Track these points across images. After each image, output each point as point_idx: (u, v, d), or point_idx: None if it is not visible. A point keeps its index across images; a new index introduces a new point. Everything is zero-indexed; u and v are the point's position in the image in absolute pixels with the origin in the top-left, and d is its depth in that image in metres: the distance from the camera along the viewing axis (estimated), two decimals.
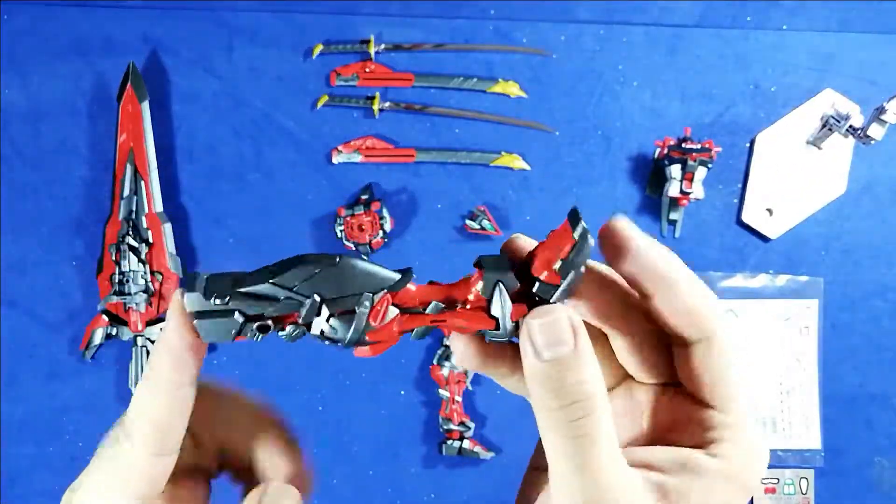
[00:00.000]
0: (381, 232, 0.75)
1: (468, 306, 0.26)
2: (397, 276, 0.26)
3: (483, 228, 0.77)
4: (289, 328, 0.26)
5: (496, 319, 0.25)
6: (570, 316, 0.24)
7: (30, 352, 0.78)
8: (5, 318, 0.78)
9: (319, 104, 0.78)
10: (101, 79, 0.78)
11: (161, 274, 0.76)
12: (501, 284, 0.26)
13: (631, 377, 0.29)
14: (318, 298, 0.25)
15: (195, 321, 0.25)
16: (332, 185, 0.78)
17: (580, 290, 0.27)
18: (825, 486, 0.78)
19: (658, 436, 0.27)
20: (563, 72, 0.79)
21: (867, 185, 0.79)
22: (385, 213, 0.76)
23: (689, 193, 0.74)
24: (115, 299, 0.75)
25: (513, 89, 0.78)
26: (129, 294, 0.75)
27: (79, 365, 0.77)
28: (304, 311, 0.25)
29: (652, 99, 0.79)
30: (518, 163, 0.78)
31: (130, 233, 0.75)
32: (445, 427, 0.77)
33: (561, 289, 0.25)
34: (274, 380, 0.77)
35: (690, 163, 0.74)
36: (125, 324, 0.76)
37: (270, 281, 0.25)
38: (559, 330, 0.24)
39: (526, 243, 0.28)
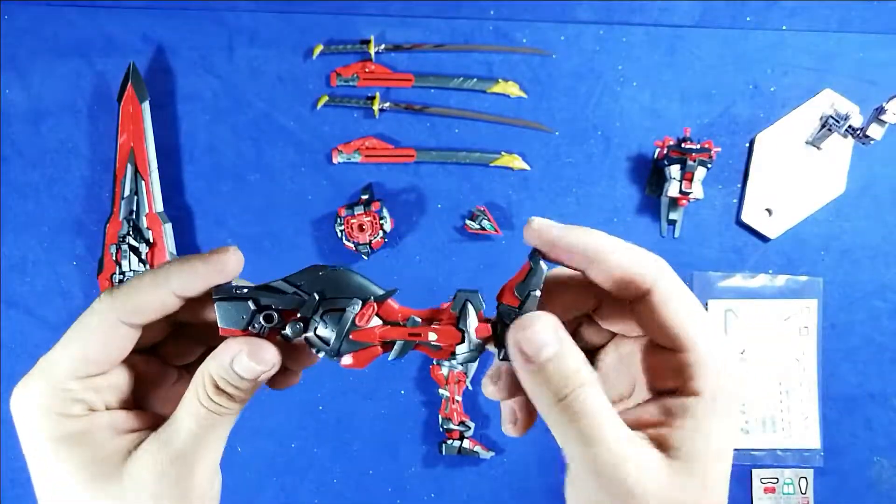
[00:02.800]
0: (381, 232, 0.76)
1: (442, 320, 0.30)
2: (383, 291, 0.31)
3: (483, 228, 0.77)
4: (289, 326, 0.30)
5: (463, 332, 0.30)
6: (549, 319, 0.28)
7: (30, 352, 0.78)
8: (5, 318, 0.78)
9: (320, 104, 0.78)
10: (101, 79, 0.78)
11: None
12: (469, 303, 0.30)
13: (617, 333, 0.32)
14: (316, 296, 0.30)
15: (216, 303, 0.30)
16: (332, 185, 0.79)
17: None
18: (824, 485, 0.78)
19: (648, 386, 0.30)
20: (562, 72, 0.79)
21: (866, 185, 0.79)
22: (385, 213, 0.76)
23: (688, 193, 0.74)
24: None
25: (513, 89, 0.78)
26: None
27: None
28: (304, 307, 0.30)
29: (651, 99, 0.79)
30: (518, 163, 0.78)
31: (131, 233, 0.75)
32: (445, 427, 0.77)
33: (520, 309, 0.29)
34: None
35: (690, 163, 0.74)
36: None
37: (282, 278, 0.30)
38: (543, 333, 0.28)
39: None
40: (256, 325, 0.30)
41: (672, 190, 0.75)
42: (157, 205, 0.76)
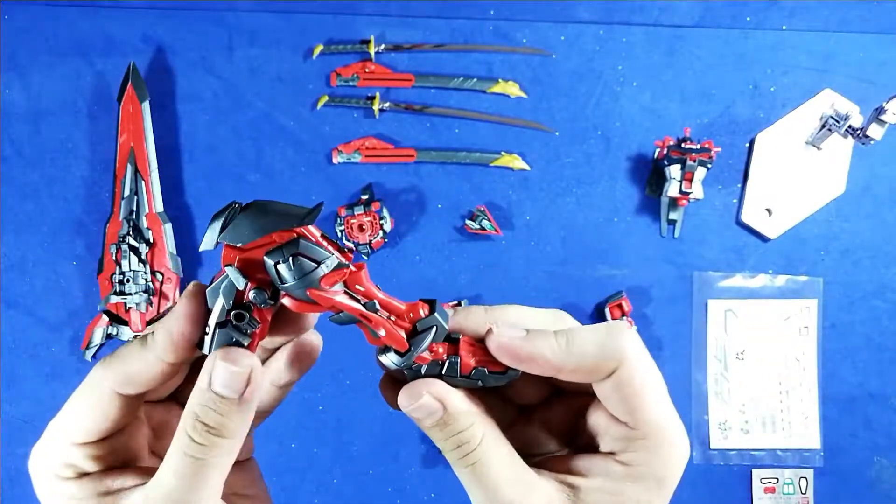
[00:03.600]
0: (381, 232, 0.76)
1: (396, 321, 0.29)
2: (306, 211, 0.28)
3: (483, 228, 0.77)
4: (253, 292, 0.28)
5: (410, 348, 0.29)
6: (432, 390, 0.29)
7: (30, 352, 0.78)
8: (5, 318, 0.78)
9: (319, 104, 0.78)
10: (101, 79, 0.78)
11: (161, 274, 0.76)
12: (436, 329, 0.29)
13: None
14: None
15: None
16: (332, 185, 0.79)
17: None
18: (824, 485, 0.78)
19: (588, 441, 0.31)
20: (562, 72, 0.79)
21: (866, 185, 0.79)
22: (385, 213, 0.76)
23: (688, 193, 0.74)
24: (115, 299, 0.75)
25: (513, 89, 0.78)
26: (130, 294, 0.75)
27: (79, 365, 0.77)
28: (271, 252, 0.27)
29: (651, 99, 0.79)
30: (518, 163, 0.78)
31: (131, 233, 0.75)
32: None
33: (481, 382, 0.30)
34: None
35: (690, 163, 0.74)
36: (126, 324, 0.76)
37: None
38: (427, 405, 0.29)
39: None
40: (242, 333, 0.28)
41: (672, 190, 0.75)
42: (157, 205, 0.76)
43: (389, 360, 0.29)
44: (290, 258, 0.27)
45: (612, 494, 0.28)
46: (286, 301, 0.28)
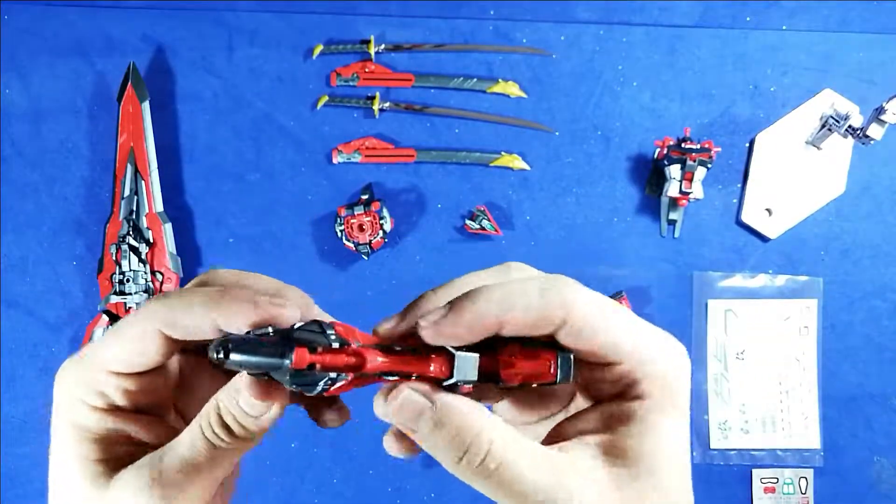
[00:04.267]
0: (381, 232, 0.76)
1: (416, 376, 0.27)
2: (328, 340, 0.26)
3: (483, 228, 0.77)
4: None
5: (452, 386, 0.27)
6: (413, 385, 0.26)
7: (30, 352, 0.78)
8: (5, 318, 0.78)
9: (319, 104, 0.78)
10: (101, 79, 0.78)
11: (161, 274, 0.76)
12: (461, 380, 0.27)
13: None
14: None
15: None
16: (332, 185, 0.79)
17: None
18: (824, 485, 0.78)
19: (586, 396, 0.29)
20: (562, 72, 0.79)
21: (866, 185, 0.79)
22: (385, 213, 0.76)
23: (688, 193, 0.74)
24: (115, 299, 0.75)
25: (513, 89, 0.78)
26: (130, 294, 0.75)
27: None
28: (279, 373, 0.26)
29: (651, 99, 0.79)
30: (518, 163, 0.78)
31: (131, 232, 0.75)
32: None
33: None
34: None
35: (690, 163, 0.74)
36: None
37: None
38: (410, 401, 0.26)
39: (399, 329, 0.29)
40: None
41: (672, 190, 0.75)
42: (157, 205, 0.76)
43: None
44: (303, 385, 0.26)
45: (641, 434, 0.26)
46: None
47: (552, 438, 0.28)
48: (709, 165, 0.75)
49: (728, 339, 0.79)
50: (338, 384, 0.26)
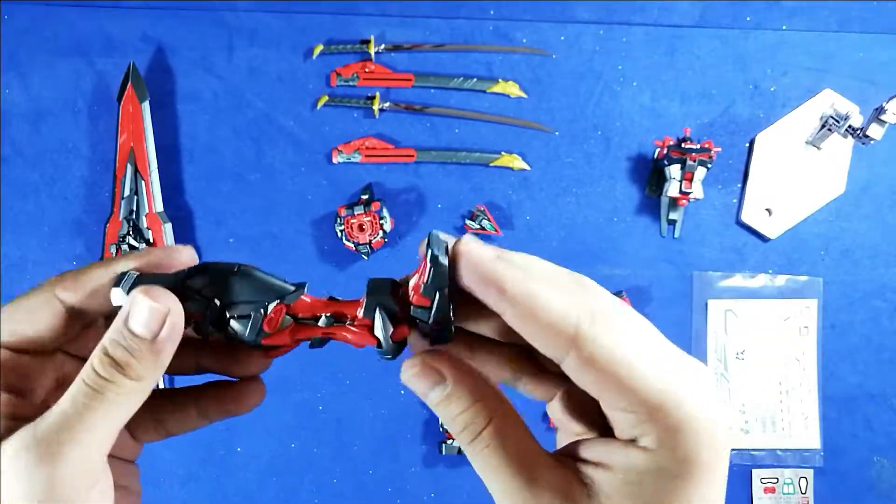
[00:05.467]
0: (381, 232, 0.76)
1: (356, 323, 0.28)
2: (292, 289, 0.28)
3: (483, 228, 0.77)
4: (202, 326, 0.28)
5: (378, 339, 0.28)
6: (435, 362, 0.26)
7: None
8: None
9: (319, 104, 0.78)
10: (101, 79, 0.78)
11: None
12: (381, 308, 0.28)
13: None
14: (217, 303, 0.28)
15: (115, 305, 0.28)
16: (332, 185, 0.79)
17: (466, 314, 0.28)
18: (824, 485, 0.78)
19: (596, 424, 0.27)
20: (563, 72, 0.79)
21: (866, 185, 0.79)
22: (385, 213, 0.76)
23: (688, 193, 0.74)
24: None
25: (513, 89, 0.78)
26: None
27: None
28: (208, 313, 0.28)
29: (651, 99, 0.79)
30: (518, 163, 0.78)
31: (131, 233, 0.75)
32: (445, 427, 0.77)
33: (433, 311, 0.26)
34: (274, 380, 0.77)
35: (690, 163, 0.74)
36: None
37: (182, 282, 0.28)
38: (424, 381, 0.26)
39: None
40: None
41: (672, 190, 0.75)
42: (157, 205, 0.76)
43: (383, 356, 0.28)
44: (231, 322, 0.28)
45: (633, 487, 0.23)
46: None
47: (559, 453, 0.26)
48: (709, 165, 0.75)
49: (728, 339, 0.79)
50: (273, 332, 0.28)
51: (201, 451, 0.78)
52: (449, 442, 0.77)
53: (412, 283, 0.27)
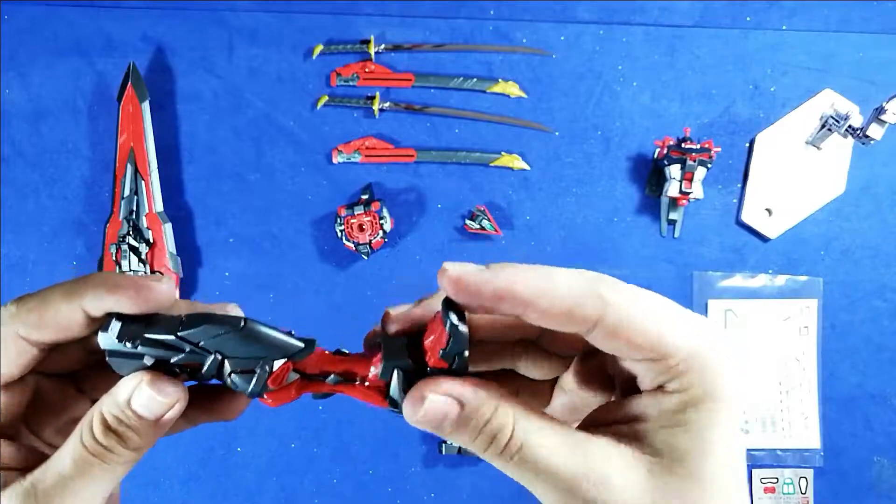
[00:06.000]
0: (381, 232, 0.76)
1: (367, 383, 0.27)
2: (300, 346, 0.27)
3: (483, 228, 0.77)
4: (196, 374, 0.27)
5: (391, 399, 0.27)
6: (438, 389, 0.25)
7: None
8: None
9: (319, 104, 0.78)
10: (101, 79, 0.78)
11: (161, 274, 0.76)
12: (399, 370, 0.26)
13: None
14: (219, 357, 0.26)
15: (108, 358, 0.26)
16: (332, 185, 0.79)
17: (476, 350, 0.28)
18: (824, 485, 0.78)
19: (631, 382, 0.28)
20: (562, 72, 0.79)
21: (866, 185, 0.79)
22: (385, 213, 0.76)
23: (688, 193, 0.74)
24: None
25: (513, 89, 0.78)
26: None
27: None
28: (206, 366, 0.26)
29: (651, 99, 0.79)
30: (518, 163, 0.78)
31: (131, 232, 0.75)
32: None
33: (452, 370, 0.26)
34: None
35: (690, 163, 0.74)
36: None
37: (178, 334, 0.26)
38: (436, 407, 0.25)
39: (414, 314, 0.28)
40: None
41: (672, 190, 0.75)
42: (157, 205, 0.76)
43: (394, 412, 0.27)
44: (232, 375, 0.27)
45: (678, 427, 0.24)
46: (264, 399, 0.28)
47: (587, 425, 0.27)
48: (709, 165, 0.75)
49: (728, 339, 0.79)
50: (278, 388, 0.27)
51: (201, 451, 0.78)
52: (449, 442, 0.77)
53: (427, 343, 0.26)
